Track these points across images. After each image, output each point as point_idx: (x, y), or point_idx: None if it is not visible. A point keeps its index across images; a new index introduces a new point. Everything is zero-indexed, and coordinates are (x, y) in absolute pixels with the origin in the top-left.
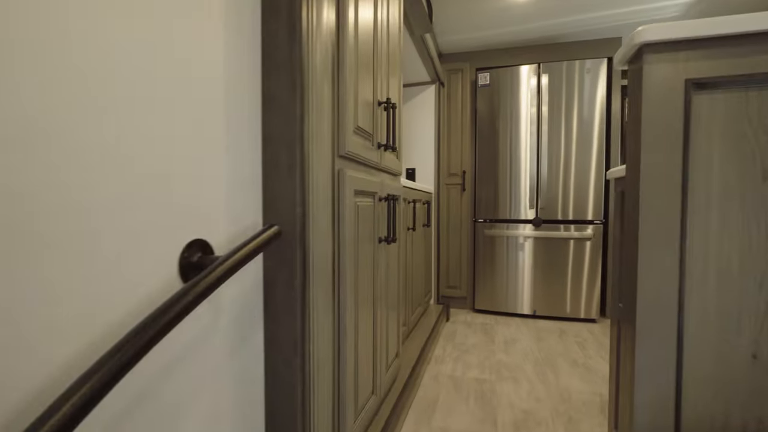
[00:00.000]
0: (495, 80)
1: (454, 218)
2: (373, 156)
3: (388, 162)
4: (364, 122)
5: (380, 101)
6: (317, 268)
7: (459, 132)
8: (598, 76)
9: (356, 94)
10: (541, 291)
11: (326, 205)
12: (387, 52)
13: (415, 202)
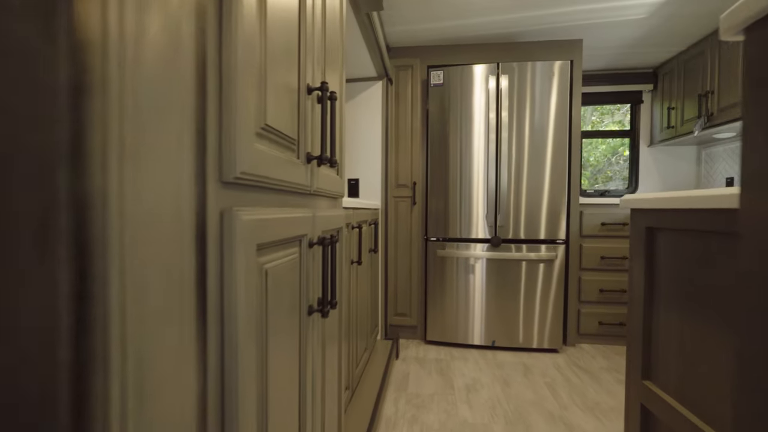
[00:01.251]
0: (449, 80)
1: (403, 236)
2: (299, 175)
3: (324, 182)
4: (279, 120)
5: (311, 87)
6: None
7: (408, 137)
8: (561, 80)
9: (262, 69)
10: (500, 319)
11: (174, 300)
12: (322, 25)
13: (360, 226)
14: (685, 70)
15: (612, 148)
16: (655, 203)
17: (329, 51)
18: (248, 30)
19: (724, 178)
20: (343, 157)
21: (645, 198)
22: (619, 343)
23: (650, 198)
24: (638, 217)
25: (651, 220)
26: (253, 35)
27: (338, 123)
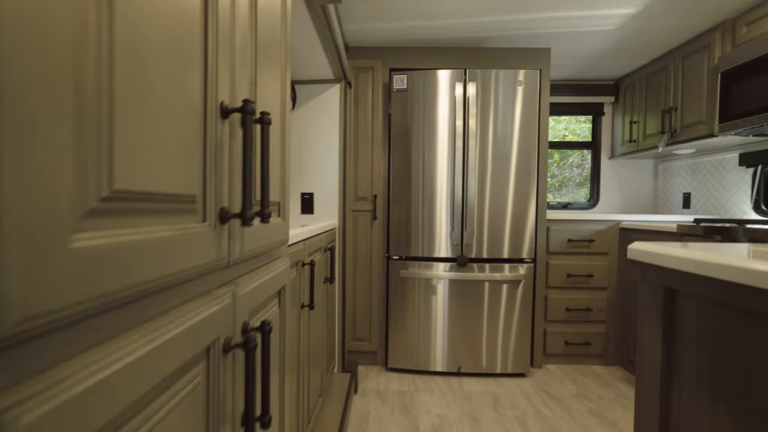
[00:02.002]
0: (413, 85)
1: (362, 253)
2: (203, 248)
3: (255, 240)
4: (158, 171)
5: (228, 107)
6: None
7: (369, 145)
8: (529, 89)
9: (101, 85)
10: (466, 343)
11: None
12: (251, 16)
13: (312, 262)
14: (647, 84)
15: (563, 154)
16: (679, 263)
17: (263, 51)
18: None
19: (681, 193)
20: (288, 196)
21: (661, 254)
22: (584, 363)
23: (669, 255)
24: (652, 273)
25: (671, 281)
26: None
27: (280, 150)
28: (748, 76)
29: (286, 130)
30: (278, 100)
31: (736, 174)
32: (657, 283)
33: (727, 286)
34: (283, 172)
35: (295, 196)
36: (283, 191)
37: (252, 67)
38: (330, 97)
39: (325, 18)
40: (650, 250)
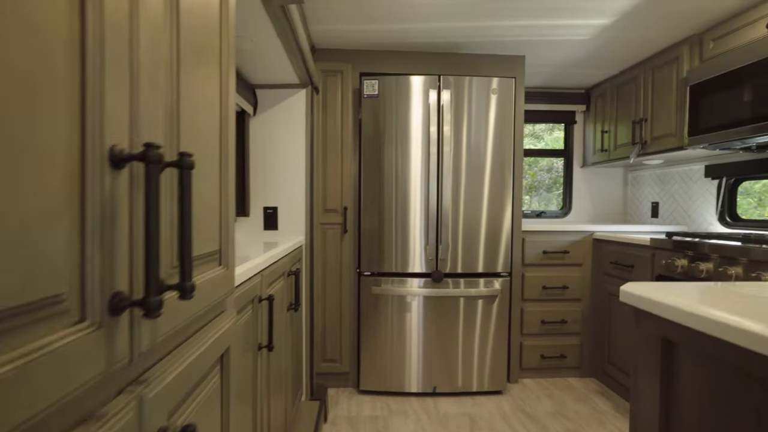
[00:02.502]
0: (384, 91)
1: (332, 269)
2: (80, 363)
3: (177, 317)
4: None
5: (124, 152)
6: None
7: (338, 154)
8: (504, 97)
9: None
10: (442, 362)
11: None
12: (174, 19)
13: (270, 297)
14: (618, 95)
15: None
16: (677, 315)
17: (192, 61)
18: None
19: (649, 202)
20: (230, 239)
21: (657, 302)
22: (559, 375)
23: (665, 304)
24: (648, 321)
25: (669, 332)
26: None
27: (221, 185)
28: (716, 91)
29: (229, 156)
30: (216, 121)
31: (701, 185)
32: (653, 332)
33: (731, 347)
34: (225, 211)
35: (256, 210)
36: (225, 234)
37: (172, 86)
38: (295, 102)
39: (286, 19)
40: (645, 295)
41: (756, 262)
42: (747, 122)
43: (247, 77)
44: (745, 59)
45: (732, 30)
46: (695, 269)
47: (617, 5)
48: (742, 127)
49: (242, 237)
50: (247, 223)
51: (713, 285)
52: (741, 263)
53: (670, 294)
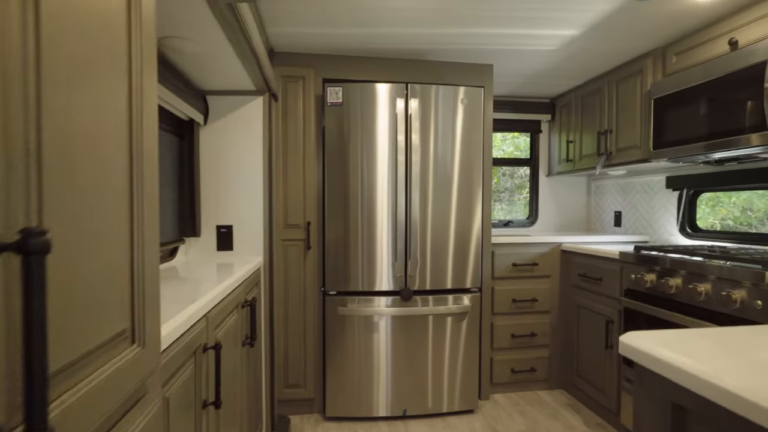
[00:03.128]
0: (349, 98)
1: (294, 289)
2: None
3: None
4: None
5: None
6: None
7: (300, 165)
8: (473, 106)
9: None
10: (412, 383)
11: None
12: (27, 23)
13: (218, 344)
14: (582, 105)
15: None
16: (688, 381)
17: (64, 78)
18: None
19: (612, 211)
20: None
21: (665, 362)
22: (529, 389)
23: (675, 367)
24: (655, 382)
25: (683, 398)
26: None
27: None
28: (678, 106)
29: (146, 192)
30: (124, 150)
31: (663, 196)
32: (662, 396)
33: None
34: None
35: (209, 229)
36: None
37: (26, 116)
38: (251, 110)
39: (237, 20)
40: (651, 353)
41: (724, 279)
42: (703, 138)
43: (196, 83)
44: (705, 76)
45: (694, 45)
46: (665, 285)
47: (587, 17)
48: (698, 144)
49: (192, 260)
50: (197, 244)
51: (728, 333)
52: (709, 280)
53: (680, 352)
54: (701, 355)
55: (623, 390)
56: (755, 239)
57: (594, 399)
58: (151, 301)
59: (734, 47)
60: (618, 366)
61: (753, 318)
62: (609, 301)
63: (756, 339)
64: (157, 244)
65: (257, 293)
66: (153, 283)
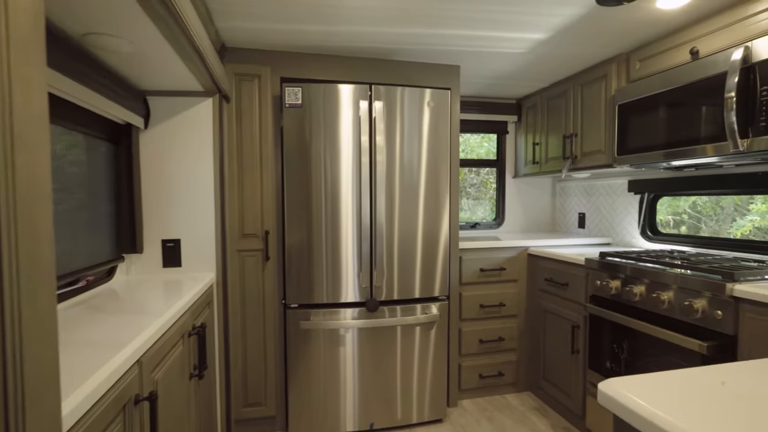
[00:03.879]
0: (310, 100)
1: (253, 302)
2: None
3: None
4: None
5: None
6: None
7: (257, 171)
8: (441, 109)
9: None
10: (380, 396)
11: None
12: None
13: (153, 394)
14: (548, 108)
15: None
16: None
17: None
18: None
19: (576, 213)
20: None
21: (658, 426)
22: (497, 393)
23: (657, 425)
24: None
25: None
26: None
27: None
28: (643, 112)
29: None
30: None
31: (624, 199)
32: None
33: None
34: None
35: (153, 244)
36: (13, 395)
37: None
38: (199, 113)
39: (172, 15)
40: (638, 412)
41: (686, 289)
42: (665, 147)
43: (134, 82)
44: (667, 84)
45: (657, 52)
46: (629, 292)
47: (555, 21)
48: (660, 151)
49: (134, 280)
50: (140, 261)
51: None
52: (672, 288)
53: (670, 409)
54: (699, 413)
55: (588, 394)
56: (713, 243)
57: (560, 402)
58: (37, 385)
59: (695, 56)
60: (583, 371)
61: (714, 327)
62: (575, 306)
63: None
64: (53, 285)
65: (209, 314)
66: (41, 357)
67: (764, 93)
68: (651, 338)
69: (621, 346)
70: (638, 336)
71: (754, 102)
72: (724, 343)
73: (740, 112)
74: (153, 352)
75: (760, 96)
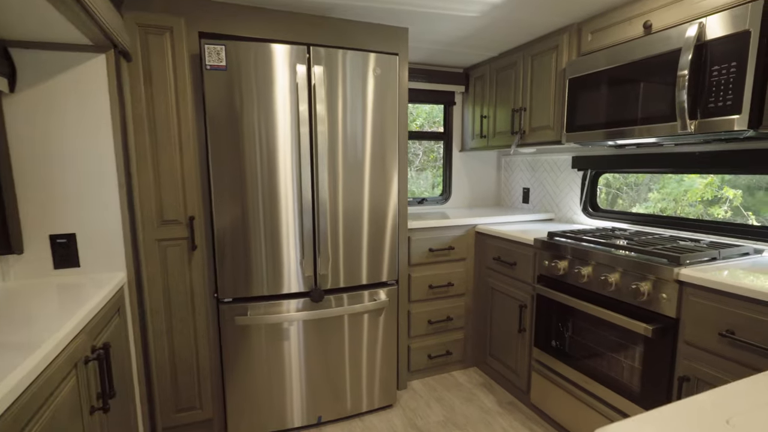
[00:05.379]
0: (238, 61)
1: (179, 299)
2: None
3: None
4: None
5: None
6: None
7: (175, 146)
8: (388, 75)
9: None
10: (328, 388)
11: None
12: None
13: None
14: (497, 79)
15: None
16: None
17: None
18: None
19: (521, 188)
20: None
21: None
22: (445, 371)
23: None
24: None
25: None
26: None
27: None
28: (593, 88)
29: None
30: None
31: (568, 175)
32: None
33: None
34: None
35: (37, 242)
36: None
37: None
38: (89, 73)
39: None
40: None
41: (632, 273)
42: (615, 125)
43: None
44: (618, 60)
45: (610, 24)
46: (577, 274)
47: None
48: (609, 130)
49: (14, 288)
50: (22, 263)
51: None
52: (618, 271)
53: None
54: None
55: (533, 371)
56: (649, 221)
57: (506, 377)
58: None
59: (648, 31)
60: (529, 349)
61: (658, 310)
62: (523, 285)
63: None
64: None
65: (118, 324)
66: None
67: (714, 73)
68: (597, 318)
69: (566, 326)
70: (585, 317)
71: (704, 82)
72: (667, 326)
73: (691, 92)
74: (18, 407)
75: (710, 76)
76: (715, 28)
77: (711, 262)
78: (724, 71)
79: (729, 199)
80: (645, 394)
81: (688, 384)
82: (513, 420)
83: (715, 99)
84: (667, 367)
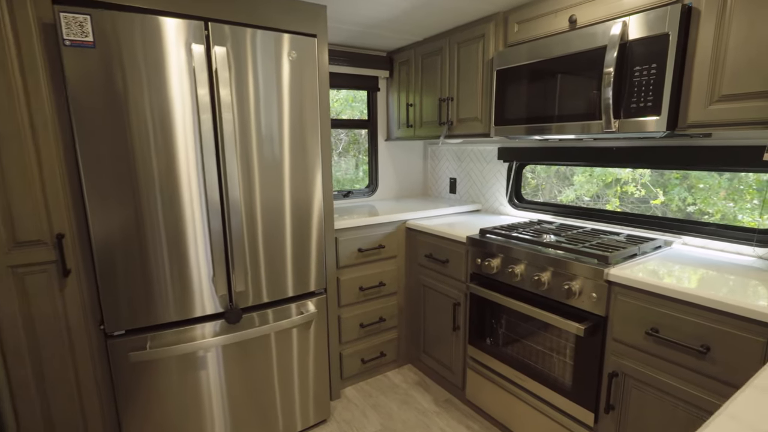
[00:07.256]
0: (115, 35)
1: (49, 337)
2: None
3: None
4: None
5: None
6: None
7: (27, 143)
8: (305, 59)
9: None
10: (257, 413)
11: None
12: None
13: None
14: (423, 66)
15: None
16: None
17: None
18: None
19: (448, 177)
20: None
21: None
22: (379, 373)
23: None
24: None
25: None
26: None
27: None
28: (520, 81)
29: None
30: None
31: (494, 166)
32: None
33: None
34: None
35: None
36: None
37: None
38: None
39: None
40: None
41: (563, 273)
42: (540, 120)
43: None
44: (543, 53)
45: (536, 15)
46: (511, 274)
47: None
48: (536, 125)
49: None
50: None
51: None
52: (549, 270)
53: None
54: None
55: (468, 368)
56: (571, 213)
57: (440, 374)
58: None
59: (574, 25)
60: (464, 346)
61: (589, 309)
62: (456, 283)
63: None
64: None
65: None
66: None
67: (636, 73)
68: (531, 317)
69: (500, 323)
70: (519, 315)
71: (627, 81)
72: (597, 324)
73: (615, 90)
74: None
75: (632, 76)
76: (637, 28)
77: (632, 258)
78: (645, 72)
79: (640, 177)
80: (576, 388)
81: (617, 379)
82: (450, 419)
83: (637, 99)
84: (597, 363)
